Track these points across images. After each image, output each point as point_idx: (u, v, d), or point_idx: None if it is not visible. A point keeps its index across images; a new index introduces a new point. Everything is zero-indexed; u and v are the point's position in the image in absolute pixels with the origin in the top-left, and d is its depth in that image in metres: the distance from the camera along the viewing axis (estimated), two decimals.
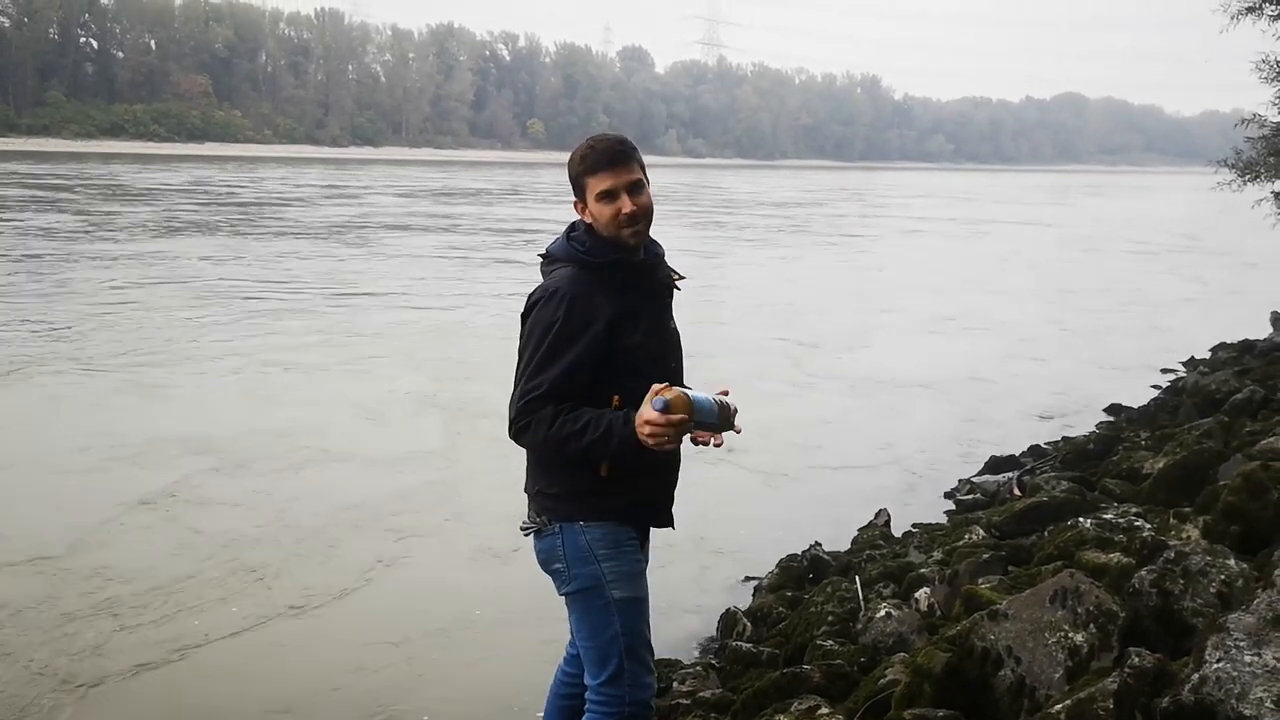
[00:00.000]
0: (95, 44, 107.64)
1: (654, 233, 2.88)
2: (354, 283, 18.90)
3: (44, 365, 11.33)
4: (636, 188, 2.78)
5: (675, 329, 3.04)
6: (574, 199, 2.87)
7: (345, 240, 26.69)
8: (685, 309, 3.13)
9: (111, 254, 21.42)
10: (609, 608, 2.85)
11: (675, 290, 3.01)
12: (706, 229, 34.65)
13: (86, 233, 25.58)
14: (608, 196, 2.77)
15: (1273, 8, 9.49)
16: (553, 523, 2.87)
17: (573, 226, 2.91)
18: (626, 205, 2.75)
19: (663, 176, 79.98)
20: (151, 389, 10.56)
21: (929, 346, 14.49)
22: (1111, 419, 10.09)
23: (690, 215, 40.72)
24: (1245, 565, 3.23)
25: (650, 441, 2.58)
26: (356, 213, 35.96)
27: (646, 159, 2.90)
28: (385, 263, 22.25)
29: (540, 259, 2.96)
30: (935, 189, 79.10)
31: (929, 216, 45.52)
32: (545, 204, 45.37)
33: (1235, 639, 2.26)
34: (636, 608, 2.90)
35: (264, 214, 33.99)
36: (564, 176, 2.91)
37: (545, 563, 2.94)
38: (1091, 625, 3.12)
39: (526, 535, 2.97)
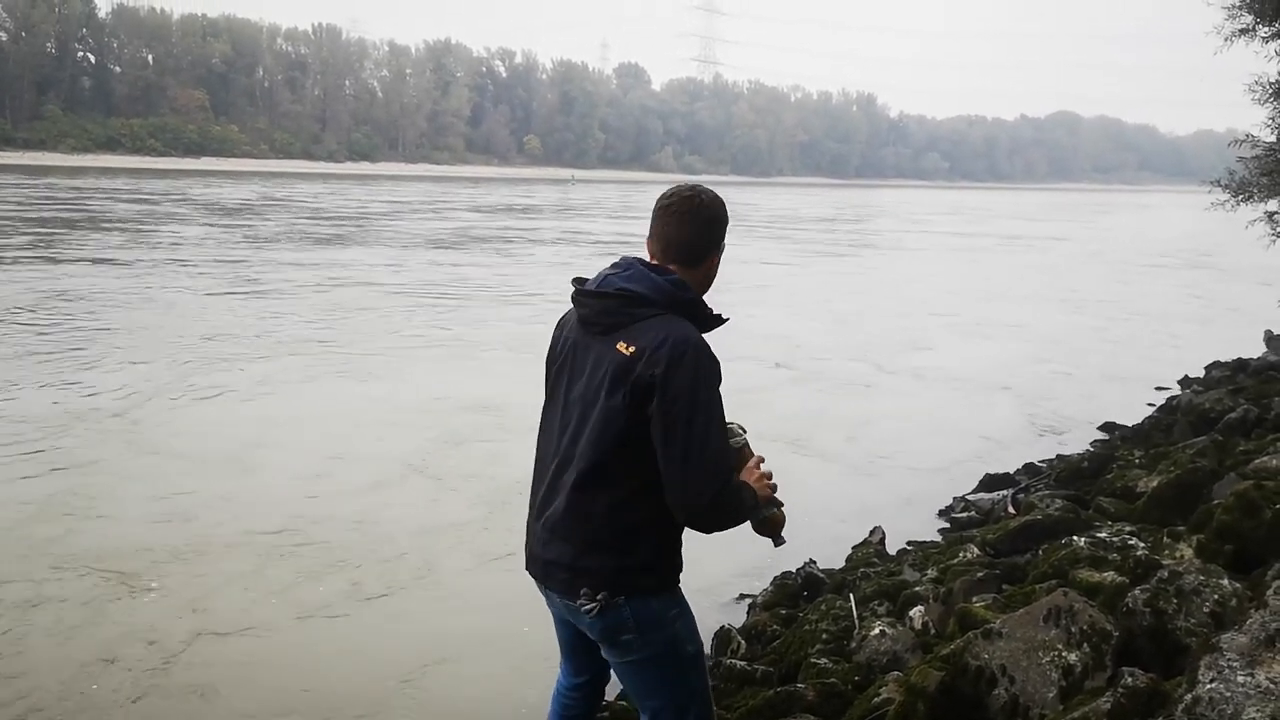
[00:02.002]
0: (92, 58, 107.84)
1: (740, 248, 2.77)
2: (521, 286, 21.02)
3: (310, 349, 13.64)
4: None
5: None
6: (711, 253, 2.72)
7: (479, 250, 29.22)
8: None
9: (296, 261, 24.09)
10: (684, 665, 2.76)
11: None
12: (780, 243, 36.48)
13: (253, 243, 28.32)
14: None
15: (1266, 29, 9.56)
16: (617, 596, 2.64)
17: (660, 269, 2.66)
18: None
19: None
20: (397, 369, 12.65)
21: (932, 361, 14.51)
22: (1106, 437, 10.11)
23: (757, 231, 42.78)
24: (1239, 585, 3.24)
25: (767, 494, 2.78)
26: (456, 226, 38.49)
27: (642, 175, 2.89)
28: (532, 269, 24.35)
29: (619, 296, 2.61)
30: (946, 206, 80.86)
31: (961, 232, 47.81)
32: (618, 219, 48.79)
33: (1228, 659, 2.26)
34: (703, 656, 2.85)
35: (375, 227, 36.75)
36: (588, 194, 2.80)
37: (609, 637, 2.71)
38: (1085, 644, 3.13)
39: (589, 614, 2.66)
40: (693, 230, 2.67)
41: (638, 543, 2.63)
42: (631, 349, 2.52)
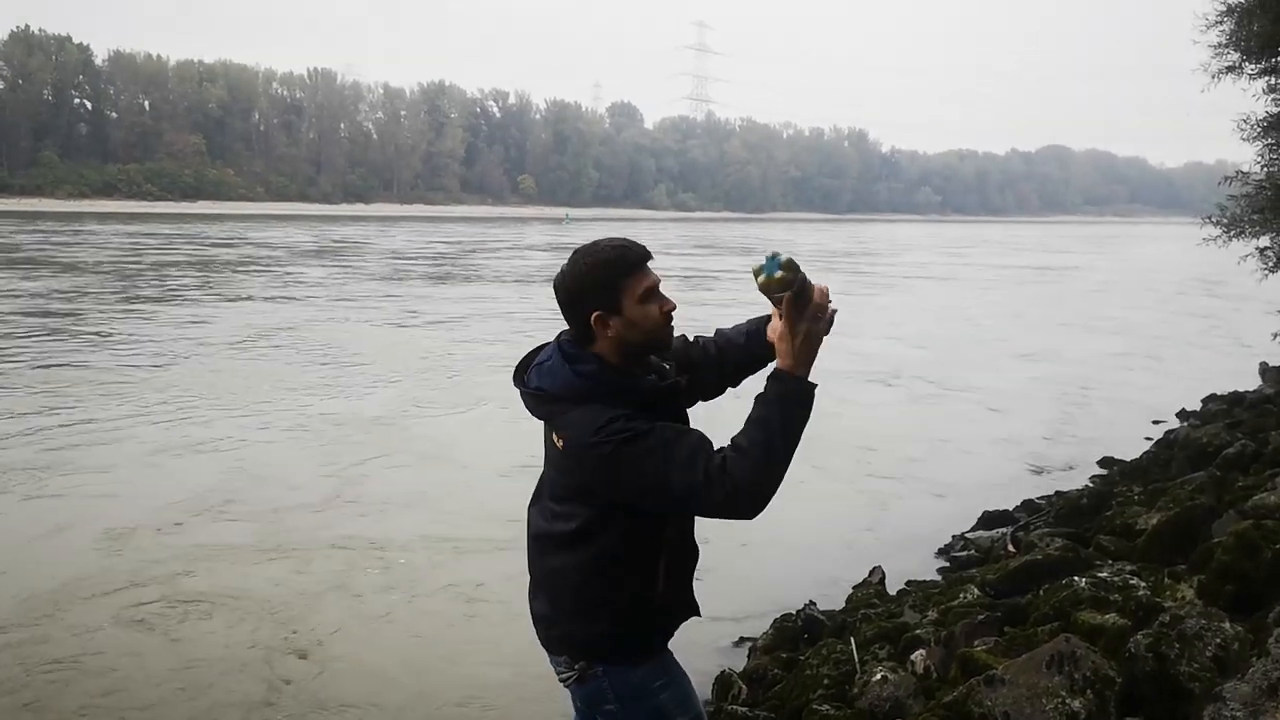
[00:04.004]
0: (89, 105, 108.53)
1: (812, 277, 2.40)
2: None
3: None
4: None
5: None
6: (594, 312, 2.47)
7: None
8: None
9: (439, 295, 27.22)
10: None
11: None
12: (838, 275, 38.31)
13: (379, 280, 31.26)
14: (652, 295, 2.50)
15: (1252, 66, 9.64)
16: (594, 666, 2.60)
17: (580, 356, 2.53)
18: (668, 303, 2.53)
19: (682, 229, 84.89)
20: None
21: (932, 393, 14.56)
22: (1104, 472, 10.08)
23: (813, 263, 44.56)
24: (1241, 628, 3.23)
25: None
26: (538, 265, 40.47)
27: (637, 213, 2.76)
28: None
29: (535, 396, 2.57)
30: (968, 240, 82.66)
31: (993, 264, 50.28)
32: (689, 255, 50.17)
33: (1232, 709, 2.25)
34: None
35: (464, 265, 39.79)
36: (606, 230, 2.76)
37: (591, 705, 2.67)
38: (1089, 691, 3.11)
39: (566, 683, 2.66)
40: (568, 313, 2.54)
41: (607, 611, 2.56)
42: (561, 442, 2.50)
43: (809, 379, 2.38)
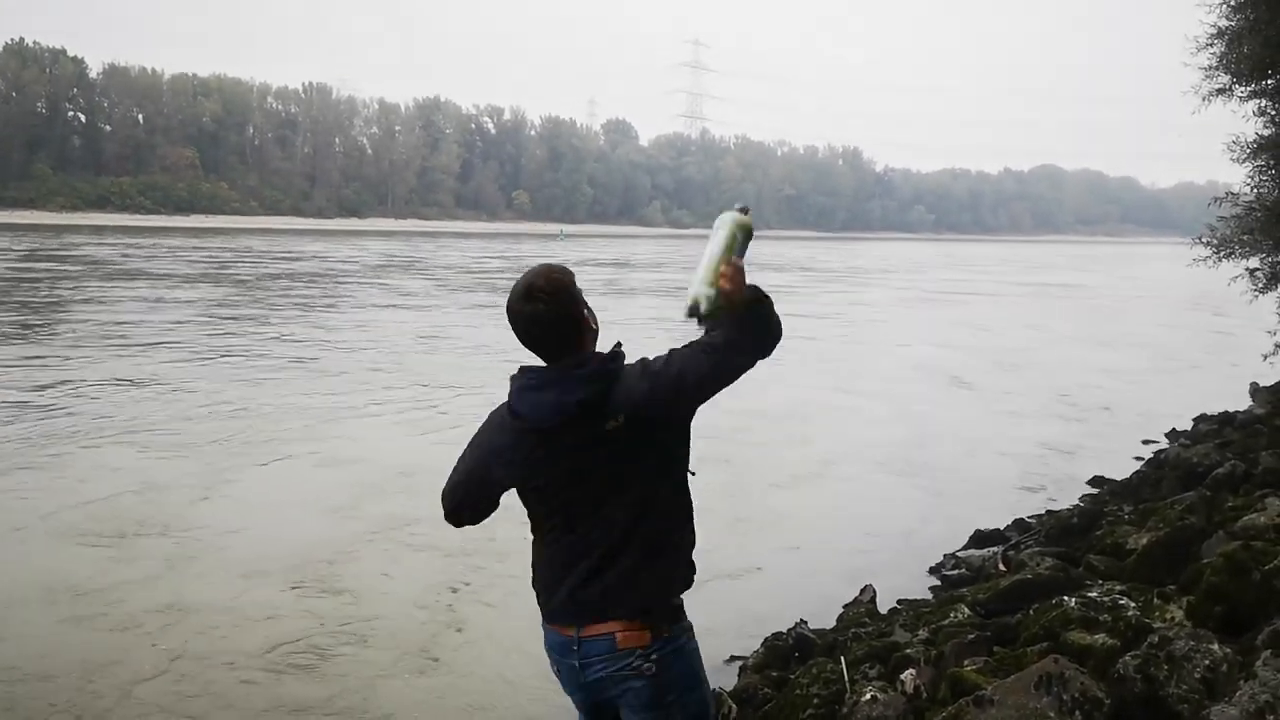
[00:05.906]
0: (83, 118, 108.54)
1: (846, 302, 2.67)
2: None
3: None
4: None
5: None
6: (584, 309, 2.77)
7: (670, 299, 32.27)
8: None
9: None
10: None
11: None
12: (887, 290, 40.75)
13: (473, 292, 33.54)
14: None
15: (1243, 89, 9.71)
16: (659, 643, 2.59)
17: (574, 360, 2.70)
18: None
19: (688, 247, 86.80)
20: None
21: (924, 412, 14.59)
22: (1094, 491, 10.09)
23: (843, 279, 47.66)
24: (1229, 650, 3.23)
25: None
26: (605, 279, 41.84)
27: (632, 230, 2.89)
28: None
29: (581, 412, 2.63)
30: (967, 258, 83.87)
31: (1021, 281, 51.86)
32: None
33: None
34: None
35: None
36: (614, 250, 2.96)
37: (654, 703, 2.60)
38: (1077, 712, 3.11)
39: (639, 678, 2.59)
40: (563, 316, 2.67)
41: (686, 546, 2.73)
42: (621, 417, 2.58)
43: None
